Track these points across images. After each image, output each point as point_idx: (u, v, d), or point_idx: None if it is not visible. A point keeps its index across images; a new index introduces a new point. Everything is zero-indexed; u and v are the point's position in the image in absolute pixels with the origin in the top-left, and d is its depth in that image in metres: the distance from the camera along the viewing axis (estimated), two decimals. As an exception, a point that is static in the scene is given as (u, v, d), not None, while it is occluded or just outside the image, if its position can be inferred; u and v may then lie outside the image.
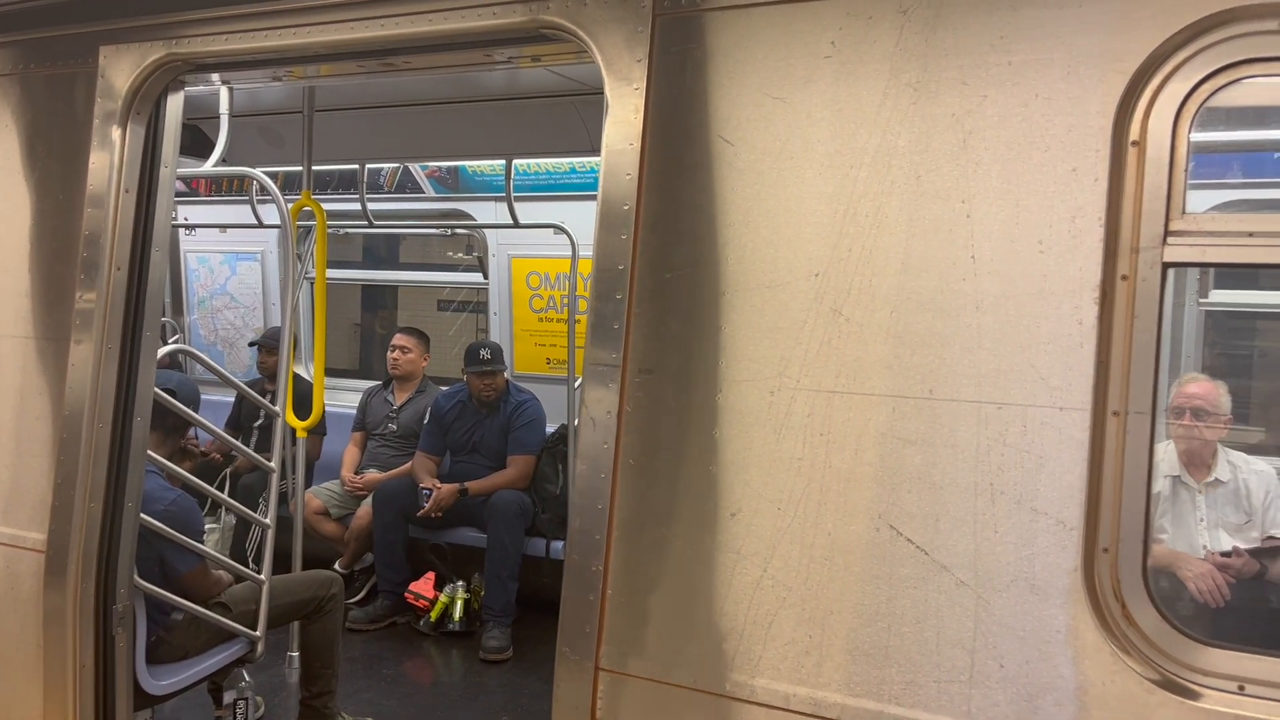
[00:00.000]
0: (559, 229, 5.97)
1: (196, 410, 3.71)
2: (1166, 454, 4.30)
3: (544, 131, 5.02)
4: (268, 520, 3.99)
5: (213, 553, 3.93)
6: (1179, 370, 4.85)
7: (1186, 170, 1.89)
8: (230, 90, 3.92)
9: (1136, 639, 1.87)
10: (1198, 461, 4.22)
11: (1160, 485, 4.28)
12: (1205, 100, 1.88)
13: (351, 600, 6.02)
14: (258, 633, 3.85)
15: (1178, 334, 4.92)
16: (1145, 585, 1.88)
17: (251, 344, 6.93)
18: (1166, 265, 1.89)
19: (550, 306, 6.48)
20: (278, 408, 4.06)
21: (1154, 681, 1.84)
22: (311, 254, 5.01)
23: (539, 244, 6.29)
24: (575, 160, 6.22)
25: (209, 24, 2.91)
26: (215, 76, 3.41)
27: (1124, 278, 1.91)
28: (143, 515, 3.17)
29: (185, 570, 3.61)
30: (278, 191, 4.12)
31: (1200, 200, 4.66)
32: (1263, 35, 1.85)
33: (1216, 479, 4.21)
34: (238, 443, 4.38)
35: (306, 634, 4.25)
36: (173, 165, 3.12)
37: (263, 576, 3.89)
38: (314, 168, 5.02)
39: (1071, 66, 1.95)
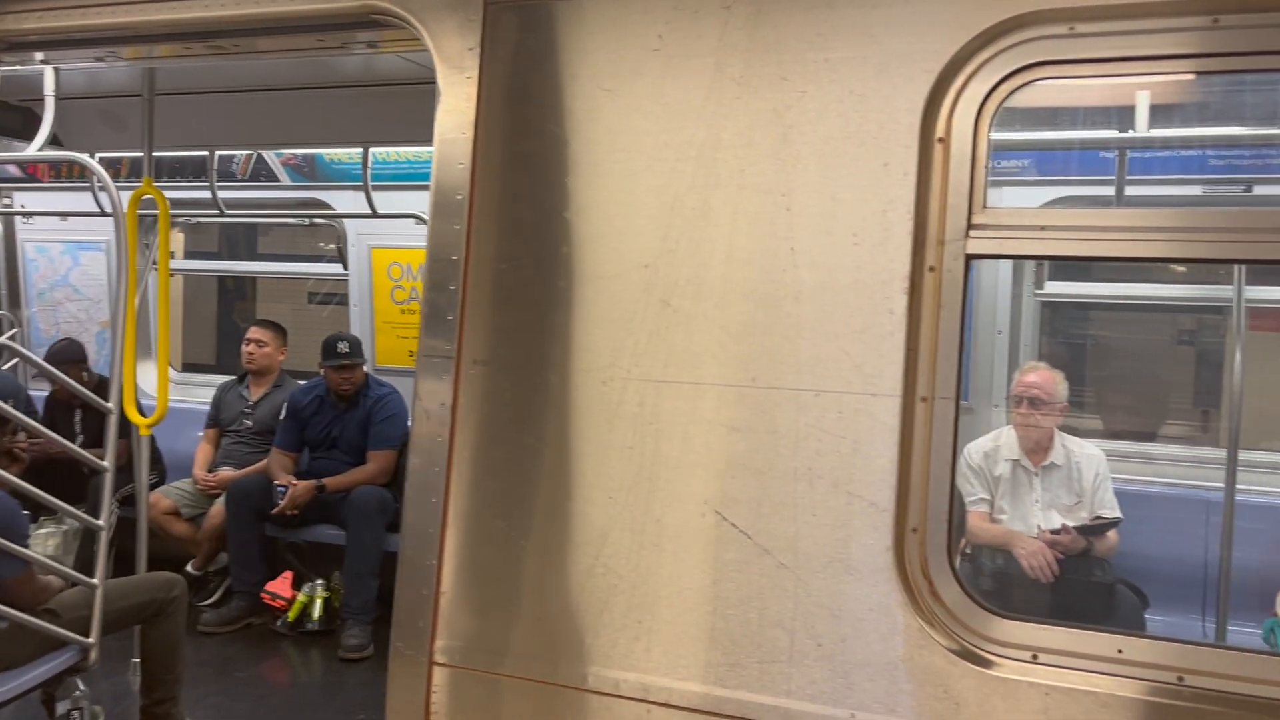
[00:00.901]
0: (419, 219, 5.87)
1: (19, 408, 3.51)
2: (1008, 439, 4.52)
3: (402, 119, 4.90)
4: (101, 521, 3.81)
5: (40, 557, 3.73)
6: (1018, 359, 5.09)
7: (987, 166, 1.98)
8: (56, 71, 3.71)
9: (941, 613, 1.96)
10: (1036, 446, 4.45)
11: (1002, 469, 4.50)
12: (1004, 100, 1.98)
13: (205, 602, 5.80)
14: (91, 639, 3.68)
15: (1016, 324, 5.16)
16: (950, 563, 1.97)
17: None
18: (970, 257, 1.98)
19: (413, 298, 6.35)
20: (110, 404, 3.87)
21: (955, 653, 1.93)
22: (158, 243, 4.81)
23: (400, 234, 6.16)
24: (435, 150, 6.10)
25: (23, 0, 2.75)
26: (38, 56, 3.23)
27: (931, 269, 1.99)
28: (-44, 519, 3.00)
29: (8, 576, 3.42)
30: (108, 178, 3.91)
31: (1036, 196, 4.91)
32: (1056, 39, 1.95)
33: (1052, 463, 4.45)
34: (60, 437, 4.15)
35: (147, 639, 4.08)
36: None
37: (96, 580, 3.71)
38: (162, 154, 4.77)
39: (883, 65, 2.02)
